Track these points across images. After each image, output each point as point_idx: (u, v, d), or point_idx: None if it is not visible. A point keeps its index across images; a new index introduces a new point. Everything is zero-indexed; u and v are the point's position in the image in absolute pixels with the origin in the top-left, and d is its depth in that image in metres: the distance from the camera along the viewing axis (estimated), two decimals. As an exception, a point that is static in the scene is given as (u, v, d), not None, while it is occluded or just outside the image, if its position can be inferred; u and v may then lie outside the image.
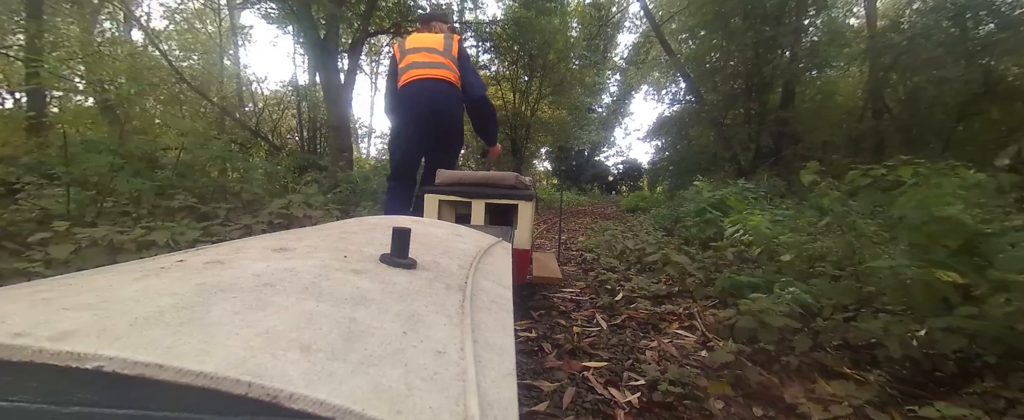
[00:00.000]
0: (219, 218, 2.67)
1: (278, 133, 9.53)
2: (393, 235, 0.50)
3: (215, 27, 11.31)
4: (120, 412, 0.22)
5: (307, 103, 9.35)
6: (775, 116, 8.00)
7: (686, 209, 4.54)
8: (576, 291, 2.41)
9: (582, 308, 2.12)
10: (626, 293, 2.28)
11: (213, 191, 3.37)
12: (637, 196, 11.67)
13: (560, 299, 2.24)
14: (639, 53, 14.09)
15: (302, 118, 9.52)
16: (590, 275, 2.84)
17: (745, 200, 4.18)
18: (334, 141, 7.13)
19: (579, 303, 2.19)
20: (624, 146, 20.09)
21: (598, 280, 2.61)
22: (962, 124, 6.00)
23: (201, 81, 9.46)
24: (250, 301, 0.32)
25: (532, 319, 1.89)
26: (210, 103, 8.45)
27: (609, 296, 2.22)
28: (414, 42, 2.18)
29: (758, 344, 1.50)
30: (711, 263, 2.66)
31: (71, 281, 0.35)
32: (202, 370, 0.22)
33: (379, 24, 8.18)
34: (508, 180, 1.76)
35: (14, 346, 0.23)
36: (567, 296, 2.30)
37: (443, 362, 0.29)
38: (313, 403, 0.22)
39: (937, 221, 1.40)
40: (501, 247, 0.83)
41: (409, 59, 2.13)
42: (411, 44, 2.17)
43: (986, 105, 5.58)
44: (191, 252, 0.49)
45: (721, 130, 8.93)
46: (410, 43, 2.17)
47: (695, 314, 1.95)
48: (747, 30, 7.92)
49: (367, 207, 4.31)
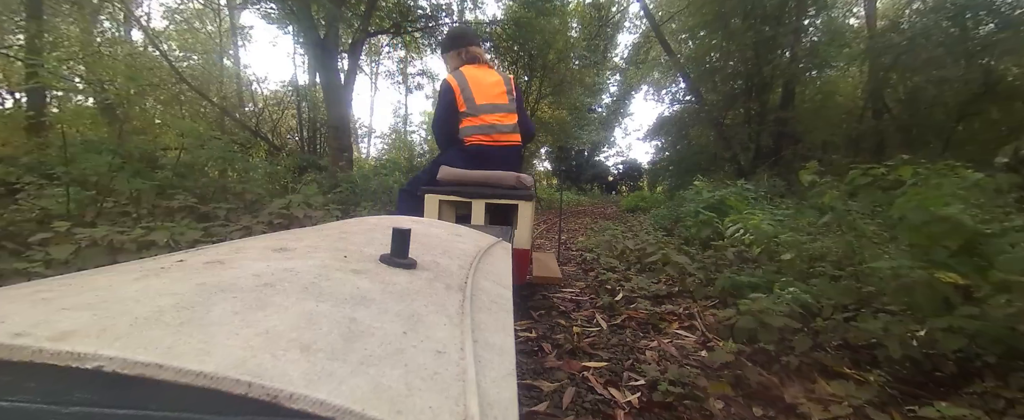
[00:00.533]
0: (219, 218, 2.66)
1: (278, 133, 9.53)
2: (393, 235, 0.50)
3: (215, 27, 11.31)
4: (120, 412, 0.22)
5: (307, 103, 9.35)
6: (775, 116, 8.01)
7: (686, 209, 4.57)
8: (576, 291, 2.40)
9: (582, 308, 2.11)
10: (626, 293, 2.27)
11: (213, 191, 3.37)
12: (637, 196, 11.69)
13: (560, 299, 2.23)
14: (639, 53, 14.08)
15: (302, 118, 9.51)
16: (590, 275, 2.84)
17: (745, 200, 4.19)
18: (334, 141, 7.12)
19: (579, 303, 2.19)
20: (624, 146, 20.14)
21: (598, 280, 2.61)
22: (962, 124, 6.01)
23: (201, 81, 9.43)
24: (250, 301, 0.32)
25: (532, 319, 1.89)
26: (210, 103, 8.46)
27: (609, 296, 2.21)
28: (478, 85, 1.96)
29: (758, 344, 1.50)
30: (711, 263, 2.66)
31: (71, 281, 0.35)
32: (202, 370, 0.22)
33: (379, 24, 8.15)
34: (508, 180, 1.76)
35: (14, 346, 0.23)
36: (567, 296, 2.29)
37: (443, 362, 0.29)
38: (313, 403, 0.22)
39: (937, 221, 1.40)
40: (501, 247, 0.83)
41: (478, 108, 1.94)
42: (475, 86, 1.95)
43: (986, 105, 5.59)
44: (191, 252, 0.49)
45: (721, 130, 8.92)
46: (473, 84, 1.96)
47: (695, 314, 1.95)
48: (747, 30, 7.94)
49: (367, 207, 4.29)
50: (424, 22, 8.57)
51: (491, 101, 1.98)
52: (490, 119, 1.97)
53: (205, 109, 8.61)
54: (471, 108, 1.95)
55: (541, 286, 2.24)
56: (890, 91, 7.12)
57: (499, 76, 2.06)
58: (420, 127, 18.62)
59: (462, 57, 2.09)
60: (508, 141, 2.00)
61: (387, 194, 5.47)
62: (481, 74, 2.02)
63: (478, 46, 2.15)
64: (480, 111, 1.96)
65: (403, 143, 17.36)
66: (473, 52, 2.11)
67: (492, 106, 1.98)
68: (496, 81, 2.02)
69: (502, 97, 2.00)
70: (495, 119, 1.97)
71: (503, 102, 1.99)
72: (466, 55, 2.09)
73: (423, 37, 9.23)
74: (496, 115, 1.98)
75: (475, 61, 2.08)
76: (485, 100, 1.97)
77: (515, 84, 2.09)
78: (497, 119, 1.97)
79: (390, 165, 8.97)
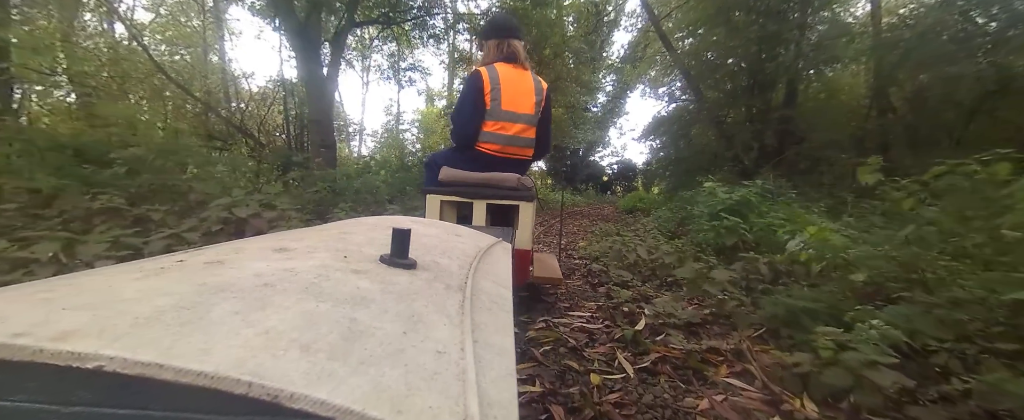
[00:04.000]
0: (154, 222, 2.19)
1: (265, 130, 9.24)
2: (393, 235, 0.51)
3: (200, 21, 11.01)
4: (120, 412, 0.22)
5: (294, 98, 8.93)
6: (780, 114, 7.85)
7: (697, 211, 4.04)
8: (586, 316, 2.00)
9: (597, 342, 1.70)
10: (650, 319, 1.87)
11: (155, 191, 2.82)
12: (635, 197, 11.54)
13: (568, 329, 1.83)
14: (635, 51, 13.93)
15: (289, 114, 9.07)
16: (600, 291, 2.48)
17: (767, 202, 3.67)
18: (316, 136, 6.70)
19: (593, 334, 1.78)
20: (619, 146, 19.99)
21: (611, 301, 2.21)
22: (973, 122, 5.82)
23: (187, 77, 9.16)
24: (250, 301, 0.32)
25: (535, 361, 1.49)
26: (193, 98, 8.20)
27: (629, 325, 1.81)
28: (510, 88, 1.82)
29: (847, 401, 1.11)
30: (742, 278, 2.26)
31: (71, 281, 0.35)
32: (202, 370, 0.22)
33: (366, 15, 7.70)
34: (510, 181, 1.76)
35: (14, 346, 0.23)
36: (577, 323, 1.91)
37: (443, 362, 0.29)
38: (313, 403, 0.22)
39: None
40: (501, 247, 0.83)
41: (502, 113, 1.82)
42: (507, 88, 1.82)
43: (998, 102, 5.43)
44: (191, 252, 0.49)
45: (723, 128, 8.78)
46: (505, 85, 1.82)
47: (745, 352, 1.53)
48: (750, 24, 7.73)
49: (344, 210, 3.72)
50: (416, 13, 8.19)
51: (518, 109, 1.84)
52: (512, 129, 1.84)
53: (190, 106, 8.34)
54: (495, 111, 1.81)
55: (543, 308, 2.07)
56: (896, 89, 7.01)
57: (533, 83, 1.89)
58: (412, 125, 18.32)
59: (502, 51, 1.91)
60: (520, 154, 1.91)
61: (371, 194, 5.04)
62: (516, 76, 1.86)
63: (520, 40, 1.96)
64: (504, 117, 1.83)
65: (395, 141, 16.90)
66: (514, 48, 1.92)
67: (516, 115, 1.84)
68: (529, 89, 1.87)
69: (530, 108, 1.86)
70: (517, 129, 1.85)
71: (529, 113, 1.86)
72: (507, 49, 1.91)
73: (414, 30, 8.83)
74: (518, 125, 1.85)
75: (515, 59, 1.91)
76: (512, 106, 1.83)
77: (547, 94, 1.94)
78: (518, 130, 1.86)
79: (376, 164, 8.59)
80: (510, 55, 1.91)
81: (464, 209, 1.80)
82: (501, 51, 1.91)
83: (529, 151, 1.93)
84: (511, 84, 1.83)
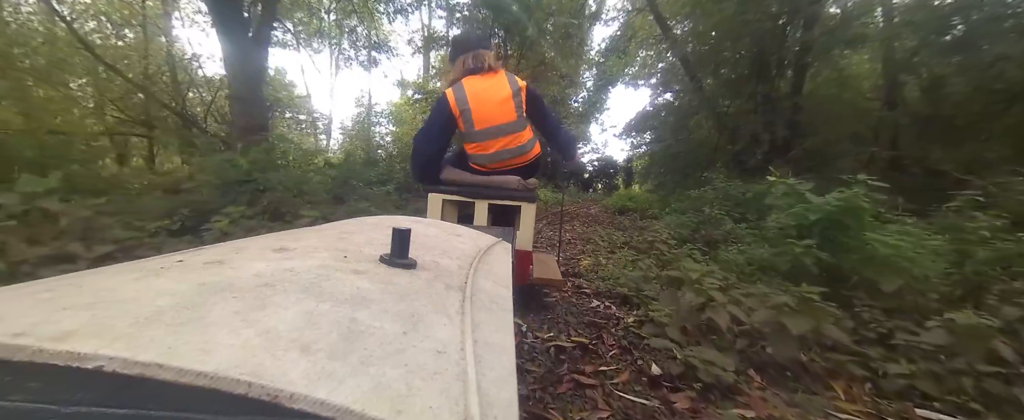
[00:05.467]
0: None
1: (216, 116, 8.29)
2: (393, 235, 0.51)
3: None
4: (120, 412, 0.22)
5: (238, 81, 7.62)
6: (791, 103, 7.16)
7: (773, 222, 2.72)
8: None
9: None
10: None
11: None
12: (623, 195, 10.71)
13: None
14: (619, 42, 13.04)
15: (234, 97, 7.88)
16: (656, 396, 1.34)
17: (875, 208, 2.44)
18: (240, 119, 5.23)
19: None
20: (600, 143, 19.77)
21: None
22: (1009, 113, 5.28)
23: (130, 62, 8.23)
24: (250, 301, 0.32)
25: None
26: (125, 80, 7.20)
27: None
28: (479, 103, 1.74)
29: None
30: (871, 329, 1.66)
31: (71, 281, 0.35)
32: (202, 370, 0.22)
33: None
34: (511, 182, 1.77)
35: (14, 346, 0.23)
36: None
37: (443, 362, 0.29)
38: (313, 403, 0.22)
39: None
40: (501, 247, 0.83)
41: (478, 133, 1.75)
42: (476, 105, 1.73)
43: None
44: (191, 252, 0.49)
45: (724, 119, 8.09)
46: (474, 102, 1.74)
47: None
48: (758, 5, 6.98)
49: (229, 217, 2.58)
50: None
51: (495, 123, 1.76)
52: (495, 145, 1.76)
53: (134, 94, 7.64)
54: (470, 133, 1.76)
55: None
56: (913, 78, 6.51)
57: (508, 85, 1.78)
58: (382, 116, 16.90)
59: (467, 65, 1.82)
60: (521, 162, 1.83)
61: (295, 191, 3.73)
62: (485, 86, 1.77)
63: (487, 48, 1.86)
64: (480, 137, 1.76)
65: (364, 132, 15.13)
66: (480, 57, 1.82)
67: (497, 129, 1.76)
68: (502, 97, 1.76)
69: (509, 114, 1.76)
70: (502, 144, 1.76)
71: (510, 120, 1.76)
72: (472, 61, 1.81)
73: (378, 2, 7.76)
74: (504, 139, 1.76)
75: (481, 69, 1.81)
76: (486, 123, 1.75)
77: (527, 91, 1.82)
78: (505, 144, 1.76)
79: (336, 157, 7.35)
80: (477, 66, 1.82)
81: (466, 208, 1.80)
82: (467, 66, 1.83)
83: (524, 158, 1.85)
84: (481, 98, 1.75)
